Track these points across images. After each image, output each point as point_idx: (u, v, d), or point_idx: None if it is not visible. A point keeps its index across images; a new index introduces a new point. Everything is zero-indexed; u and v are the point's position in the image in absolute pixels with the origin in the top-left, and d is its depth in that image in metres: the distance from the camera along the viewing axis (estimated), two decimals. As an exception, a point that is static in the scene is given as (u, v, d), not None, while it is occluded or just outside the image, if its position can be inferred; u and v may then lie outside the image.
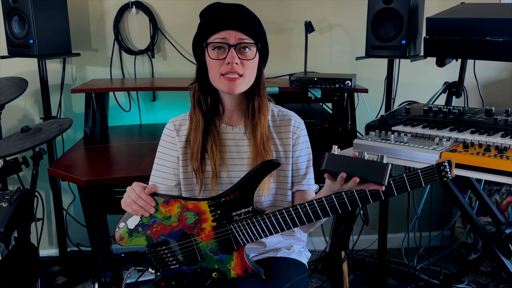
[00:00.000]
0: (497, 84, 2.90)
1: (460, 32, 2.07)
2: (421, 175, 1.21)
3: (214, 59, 1.41)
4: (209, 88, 1.49)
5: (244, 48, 1.42)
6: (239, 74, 1.41)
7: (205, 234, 1.35)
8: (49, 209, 2.89)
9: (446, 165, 1.19)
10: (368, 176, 1.17)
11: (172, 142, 1.54)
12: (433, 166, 1.20)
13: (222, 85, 1.43)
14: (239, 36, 1.40)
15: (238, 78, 1.41)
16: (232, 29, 1.40)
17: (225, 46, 1.40)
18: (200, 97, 1.49)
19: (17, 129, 2.22)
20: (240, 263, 1.37)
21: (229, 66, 1.39)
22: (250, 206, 1.33)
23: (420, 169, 1.21)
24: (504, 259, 2.00)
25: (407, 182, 1.22)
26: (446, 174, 1.19)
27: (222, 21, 1.41)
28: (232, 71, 1.40)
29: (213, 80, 1.45)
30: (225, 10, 1.44)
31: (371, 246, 3.02)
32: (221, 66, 1.41)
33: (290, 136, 1.53)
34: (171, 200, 1.35)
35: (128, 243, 1.37)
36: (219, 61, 1.41)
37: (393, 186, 1.23)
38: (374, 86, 2.55)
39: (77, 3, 2.69)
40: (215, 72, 1.43)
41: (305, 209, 1.30)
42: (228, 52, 1.40)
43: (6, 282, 1.67)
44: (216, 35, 1.41)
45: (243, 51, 1.42)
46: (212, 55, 1.42)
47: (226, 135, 1.53)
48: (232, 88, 1.42)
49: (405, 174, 1.22)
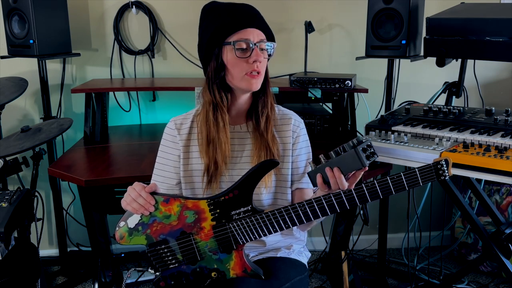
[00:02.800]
0: (497, 84, 2.90)
1: (460, 32, 2.07)
2: (418, 174, 1.21)
3: (240, 58, 1.42)
4: (224, 87, 1.48)
5: (264, 46, 1.44)
6: (259, 72, 1.43)
7: (205, 233, 1.35)
8: (49, 209, 2.89)
9: (443, 163, 1.20)
10: (349, 168, 1.26)
11: (173, 141, 1.54)
12: (430, 165, 1.21)
13: (245, 83, 1.43)
14: (260, 35, 1.43)
15: (258, 76, 1.44)
16: (254, 27, 1.42)
17: (249, 45, 1.41)
18: (223, 96, 1.48)
19: (17, 129, 2.22)
20: (239, 263, 1.37)
21: (254, 64, 1.41)
22: (249, 205, 1.33)
23: (417, 168, 1.22)
24: (504, 259, 2.00)
25: (405, 181, 1.23)
26: (444, 172, 1.20)
27: (244, 19, 1.42)
28: (257, 70, 1.42)
29: (235, 78, 1.44)
30: (242, 9, 1.45)
31: (371, 246, 3.02)
32: (246, 64, 1.42)
33: (290, 135, 1.53)
34: (170, 199, 1.35)
35: (128, 242, 1.37)
36: (243, 60, 1.42)
37: (391, 185, 1.24)
38: (374, 86, 2.55)
39: (77, 3, 2.69)
40: (239, 71, 1.43)
41: (304, 209, 1.30)
42: (252, 51, 1.41)
43: (6, 282, 1.66)
44: (239, 34, 1.41)
45: (263, 50, 1.44)
46: (238, 54, 1.42)
47: (231, 134, 1.52)
48: (255, 85, 1.44)
49: (403, 173, 1.23)
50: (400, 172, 1.23)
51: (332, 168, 1.27)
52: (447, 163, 1.20)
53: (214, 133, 1.47)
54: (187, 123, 1.55)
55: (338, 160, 1.26)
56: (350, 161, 1.24)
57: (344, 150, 1.25)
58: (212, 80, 1.47)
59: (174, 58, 2.80)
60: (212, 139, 1.47)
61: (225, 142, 1.47)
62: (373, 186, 1.25)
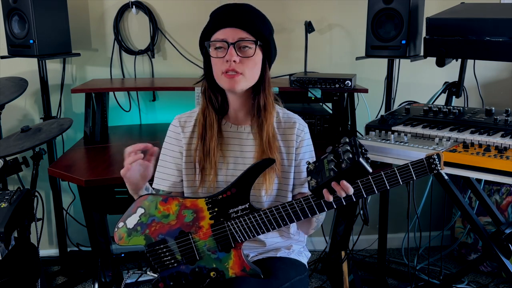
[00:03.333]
0: (497, 84, 2.90)
1: (460, 32, 2.07)
2: (411, 168, 1.23)
3: (215, 58, 1.44)
4: (217, 86, 1.50)
5: (244, 46, 1.42)
6: (237, 72, 1.42)
7: (203, 232, 1.35)
8: (49, 209, 2.89)
9: (435, 157, 1.22)
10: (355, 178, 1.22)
11: (177, 138, 1.55)
12: (423, 159, 1.23)
13: (223, 83, 1.45)
14: (239, 35, 1.41)
15: (237, 75, 1.42)
16: (231, 27, 1.42)
17: (225, 45, 1.41)
18: (211, 95, 1.51)
19: (17, 129, 2.22)
20: (238, 262, 1.37)
21: (228, 64, 1.41)
22: (247, 203, 1.34)
23: (410, 163, 1.24)
24: (504, 259, 2.00)
25: (399, 175, 1.24)
26: (436, 166, 1.22)
27: (222, 20, 1.43)
28: (231, 69, 1.41)
29: (216, 77, 1.47)
30: (228, 9, 1.45)
31: (371, 246, 3.01)
32: (222, 64, 1.42)
33: (294, 139, 1.53)
34: (169, 198, 1.36)
35: (127, 242, 1.38)
36: (219, 59, 1.43)
37: (385, 179, 1.25)
38: (374, 86, 2.55)
39: (77, 3, 2.69)
40: (217, 70, 1.45)
41: (301, 205, 1.31)
42: (227, 50, 1.41)
43: (6, 282, 1.67)
44: (217, 34, 1.43)
45: (243, 49, 1.42)
46: (213, 53, 1.44)
47: (230, 134, 1.54)
48: (233, 85, 1.43)
49: (396, 168, 1.24)
50: (393, 167, 1.25)
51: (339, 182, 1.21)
52: (439, 157, 1.22)
53: (203, 130, 1.50)
54: (191, 121, 1.57)
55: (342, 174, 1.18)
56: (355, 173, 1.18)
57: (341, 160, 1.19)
58: (203, 77, 1.52)
59: (174, 58, 2.80)
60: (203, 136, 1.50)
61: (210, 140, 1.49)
62: (368, 181, 1.26)
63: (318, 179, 1.22)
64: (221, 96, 1.52)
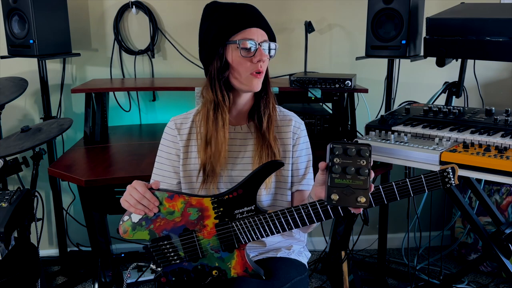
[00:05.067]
0: (497, 84, 2.90)
1: (460, 32, 2.07)
2: (424, 181, 1.21)
3: (245, 57, 1.42)
4: (227, 87, 1.47)
5: (268, 46, 1.44)
6: (262, 72, 1.44)
7: (207, 231, 1.35)
8: (49, 209, 2.89)
9: (449, 171, 1.20)
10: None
11: (174, 140, 1.54)
12: (437, 172, 1.20)
13: (249, 83, 1.44)
14: (263, 36, 1.44)
15: (261, 76, 1.44)
16: (258, 27, 1.43)
17: (253, 44, 1.41)
18: (225, 95, 1.47)
19: (17, 129, 2.22)
20: (240, 262, 1.37)
21: (258, 64, 1.41)
22: (253, 205, 1.33)
23: (423, 175, 1.21)
24: (504, 259, 2.00)
25: (410, 187, 1.22)
26: (450, 180, 1.20)
27: (248, 19, 1.42)
28: (260, 69, 1.43)
29: (239, 77, 1.44)
30: (244, 8, 1.45)
31: (371, 246, 3.02)
32: (250, 64, 1.42)
33: (290, 136, 1.53)
34: (175, 195, 1.35)
35: (132, 236, 1.38)
36: (248, 59, 1.42)
37: (396, 190, 1.24)
38: (374, 86, 2.55)
39: (77, 3, 2.69)
40: (244, 70, 1.43)
41: (308, 211, 1.30)
42: (256, 51, 1.41)
43: (6, 282, 1.66)
44: (243, 33, 1.41)
45: (267, 49, 1.44)
46: (243, 53, 1.41)
47: (229, 134, 1.53)
48: (257, 85, 1.45)
49: (408, 180, 1.22)
50: (405, 179, 1.22)
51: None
52: (453, 171, 1.19)
53: (213, 132, 1.47)
54: (187, 123, 1.55)
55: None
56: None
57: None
58: (215, 79, 1.46)
59: (174, 58, 2.80)
60: (210, 138, 1.47)
61: (222, 142, 1.46)
62: (378, 191, 1.25)
63: (363, 194, 1.14)
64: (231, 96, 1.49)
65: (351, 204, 1.14)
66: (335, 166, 1.15)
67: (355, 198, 1.14)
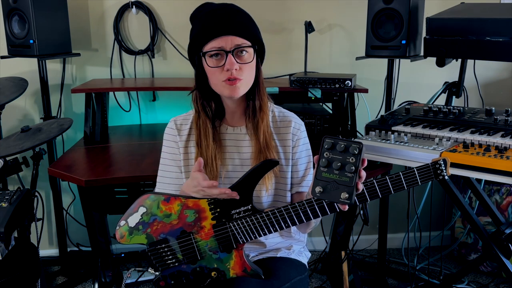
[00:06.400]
0: (497, 84, 2.90)
1: (460, 32, 2.07)
2: (417, 173, 1.22)
3: (213, 67, 1.40)
4: (210, 93, 1.49)
5: (241, 52, 1.40)
6: (238, 78, 1.40)
7: (205, 232, 1.35)
8: (49, 209, 2.89)
9: (441, 163, 1.21)
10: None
11: (174, 140, 1.55)
12: (429, 164, 1.22)
13: (225, 90, 1.42)
14: (235, 42, 1.38)
15: (237, 81, 1.40)
16: (227, 34, 1.38)
17: (222, 53, 1.38)
18: (204, 103, 1.49)
19: (17, 129, 2.22)
20: (239, 262, 1.37)
21: (229, 72, 1.38)
22: (249, 205, 1.33)
23: (416, 168, 1.22)
24: (504, 259, 2.00)
25: (404, 180, 1.23)
26: (442, 172, 1.21)
27: (216, 28, 1.38)
28: (232, 77, 1.39)
29: (215, 86, 1.44)
30: (217, 14, 1.41)
31: (371, 246, 3.01)
32: (221, 73, 1.40)
33: (290, 137, 1.53)
34: (171, 198, 1.35)
35: (129, 241, 1.38)
36: (218, 69, 1.40)
37: (390, 184, 1.24)
38: (374, 86, 2.55)
39: (77, 3, 2.69)
40: (216, 79, 1.42)
41: (304, 208, 1.31)
42: (226, 59, 1.38)
43: (6, 282, 1.66)
44: (212, 43, 1.39)
45: (241, 55, 1.40)
46: (210, 63, 1.40)
47: (226, 136, 1.53)
48: (235, 92, 1.41)
49: (402, 173, 1.23)
50: (398, 171, 1.24)
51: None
52: (445, 162, 1.21)
53: (199, 138, 1.49)
54: (187, 123, 1.55)
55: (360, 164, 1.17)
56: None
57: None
58: (195, 87, 1.49)
59: (174, 58, 2.80)
60: (199, 142, 1.49)
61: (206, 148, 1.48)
62: (372, 185, 1.25)
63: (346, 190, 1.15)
64: (215, 102, 1.50)
65: (334, 199, 1.16)
66: (323, 160, 1.18)
67: (339, 193, 1.16)
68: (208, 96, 1.49)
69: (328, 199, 1.18)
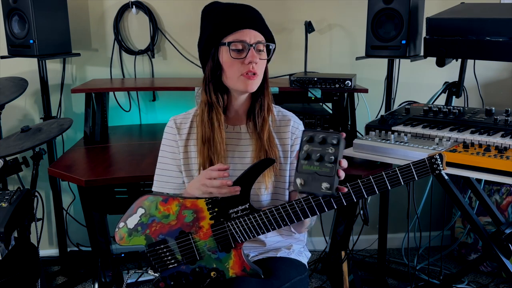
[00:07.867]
0: (497, 84, 2.90)
1: (460, 32, 2.07)
2: (413, 168, 1.23)
3: (235, 59, 1.42)
4: (221, 88, 1.49)
5: (261, 48, 1.44)
6: (256, 73, 1.43)
7: (203, 232, 1.35)
8: (49, 209, 2.89)
9: (437, 158, 1.21)
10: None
11: (174, 139, 1.55)
12: (425, 159, 1.22)
13: (241, 84, 1.43)
14: (257, 37, 1.43)
15: (255, 77, 1.43)
16: (250, 28, 1.42)
17: (245, 46, 1.41)
18: (218, 97, 1.49)
19: (17, 129, 2.22)
20: (238, 262, 1.37)
21: (250, 65, 1.41)
22: (247, 203, 1.34)
23: (412, 163, 1.23)
24: (504, 259, 2.00)
25: (400, 176, 1.24)
26: (438, 167, 1.21)
27: (241, 20, 1.42)
28: (253, 71, 1.41)
29: (231, 79, 1.45)
30: (239, 9, 1.45)
31: (371, 246, 3.01)
32: (241, 65, 1.41)
33: (289, 136, 1.53)
34: (169, 199, 1.36)
35: (128, 242, 1.38)
36: (238, 61, 1.42)
37: (386, 180, 1.25)
38: (374, 86, 2.55)
39: (77, 3, 2.69)
40: (234, 71, 1.43)
41: (301, 205, 1.31)
42: (248, 52, 1.41)
43: (6, 282, 1.66)
44: (235, 35, 1.41)
45: (259, 51, 1.44)
46: (233, 54, 1.42)
47: (228, 134, 1.53)
48: (251, 86, 1.44)
49: (398, 168, 1.24)
50: (395, 167, 1.24)
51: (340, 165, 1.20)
52: (441, 157, 1.21)
53: (209, 133, 1.48)
54: (187, 122, 1.56)
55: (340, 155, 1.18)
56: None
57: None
58: (208, 80, 1.48)
59: (174, 58, 2.80)
60: (207, 139, 1.48)
61: (219, 142, 1.47)
62: (369, 181, 1.26)
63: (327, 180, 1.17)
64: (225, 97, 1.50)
65: (315, 190, 1.18)
66: (302, 152, 1.19)
67: (319, 184, 1.17)
68: (221, 89, 1.49)
69: (310, 191, 1.19)
